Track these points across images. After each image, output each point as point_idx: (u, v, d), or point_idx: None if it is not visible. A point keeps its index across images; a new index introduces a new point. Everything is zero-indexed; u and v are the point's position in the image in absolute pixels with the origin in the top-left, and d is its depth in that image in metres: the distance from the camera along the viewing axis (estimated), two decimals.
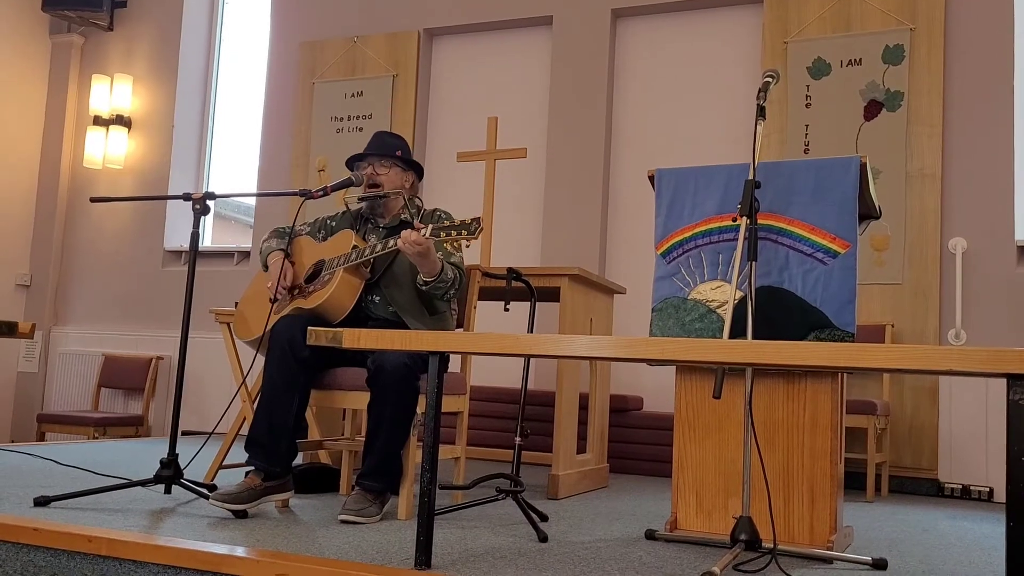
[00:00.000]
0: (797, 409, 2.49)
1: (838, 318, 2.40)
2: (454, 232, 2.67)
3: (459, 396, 3.13)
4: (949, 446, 4.32)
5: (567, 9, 5.47)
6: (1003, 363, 1.49)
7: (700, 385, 2.64)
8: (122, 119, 6.53)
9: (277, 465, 2.77)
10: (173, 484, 2.91)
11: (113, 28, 6.69)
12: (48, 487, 3.05)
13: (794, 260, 2.48)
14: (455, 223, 2.70)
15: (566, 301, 3.59)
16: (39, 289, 6.62)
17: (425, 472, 2.07)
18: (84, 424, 5.54)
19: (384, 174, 3.15)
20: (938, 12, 4.58)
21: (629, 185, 5.34)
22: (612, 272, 5.28)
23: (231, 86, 6.77)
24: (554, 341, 1.91)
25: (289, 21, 6.25)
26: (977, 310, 4.38)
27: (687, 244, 2.62)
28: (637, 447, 4.73)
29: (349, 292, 2.94)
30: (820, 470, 2.46)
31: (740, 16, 5.19)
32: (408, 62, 5.80)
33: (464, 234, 2.66)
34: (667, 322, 2.61)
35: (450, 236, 2.67)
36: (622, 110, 5.42)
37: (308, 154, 5.98)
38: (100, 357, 6.22)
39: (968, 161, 4.49)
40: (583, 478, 3.77)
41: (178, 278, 6.29)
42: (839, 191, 2.47)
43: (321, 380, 2.91)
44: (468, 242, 2.68)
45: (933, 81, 4.56)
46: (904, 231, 4.50)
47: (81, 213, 6.67)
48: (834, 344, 1.61)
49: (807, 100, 4.81)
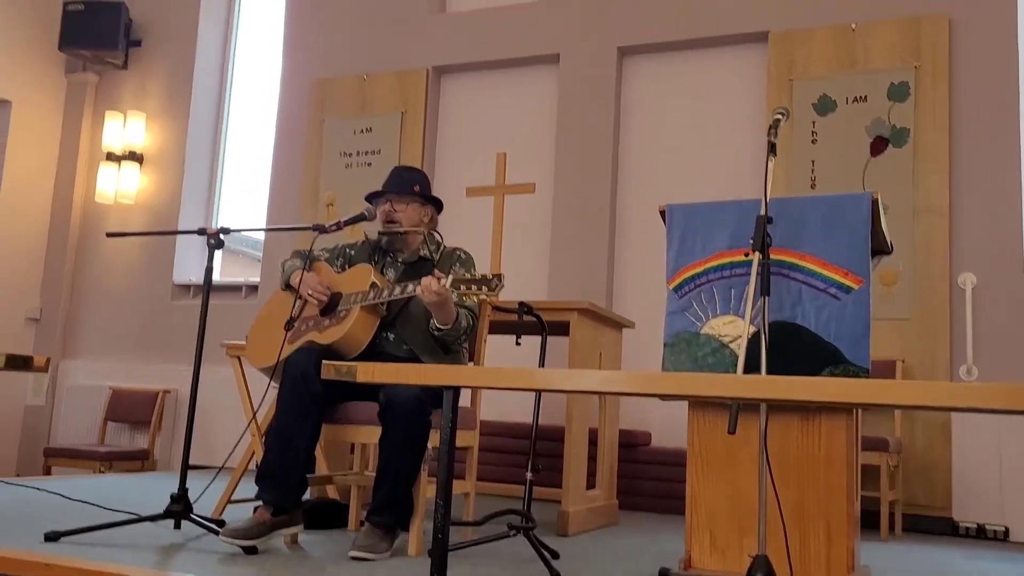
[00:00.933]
0: (812, 445, 2.47)
1: (852, 353, 2.40)
2: (474, 287, 2.65)
3: (470, 431, 3.12)
4: (963, 483, 4.28)
5: (574, 47, 5.54)
6: (1020, 399, 1.49)
7: (713, 420, 2.63)
8: (134, 155, 6.59)
9: (287, 499, 2.76)
10: (183, 519, 2.89)
11: (128, 67, 6.78)
12: (57, 522, 3.03)
13: (807, 295, 2.48)
14: (476, 276, 2.66)
15: (575, 335, 3.59)
16: (49, 323, 6.64)
17: (439, 508, 2.06)
18: (90, 458, 5.52)
19: (402, 211, 3.14)
20: (942, 49, 4.63)
21: (636, 219, 5.36)
22: (619, 306, 5.28)
23: (242, 122, 6.84)
24: (569, 376, 1.91)
25: (301, 59, 6.32)
26: (988, 345, 4.36)
27: (699, 279, 2.63)
28: (646, 483, 4.69)
29: (365, 329, 2.94)
30: (836, 508, 2.44)
31: (745, 54, 5.24)
32: (417, 99, 5.86)
33: (484, 290, 2.63)
34: (680, 357, 2.60)
35: (470, 291, 2.65)
36: (629, 146, 5.45)
37: (317, 189, 6.02)
38: (107, 390, 6.21)
39: (975, 196, 4.51)
40: (593, 514, 3.74)
41: (187, 312, 6.30)
42: (851, 227, 2.48)
43: (332, 414, 2.90)
44: (487, 296, 2.65)
45: (939, 117, 4.59)
46: (913, 266, 4.50)
47: (92, 247, 6.71)
48: (851, 380, 1.60)
49: (813, 136, 4.84)
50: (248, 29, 6.96)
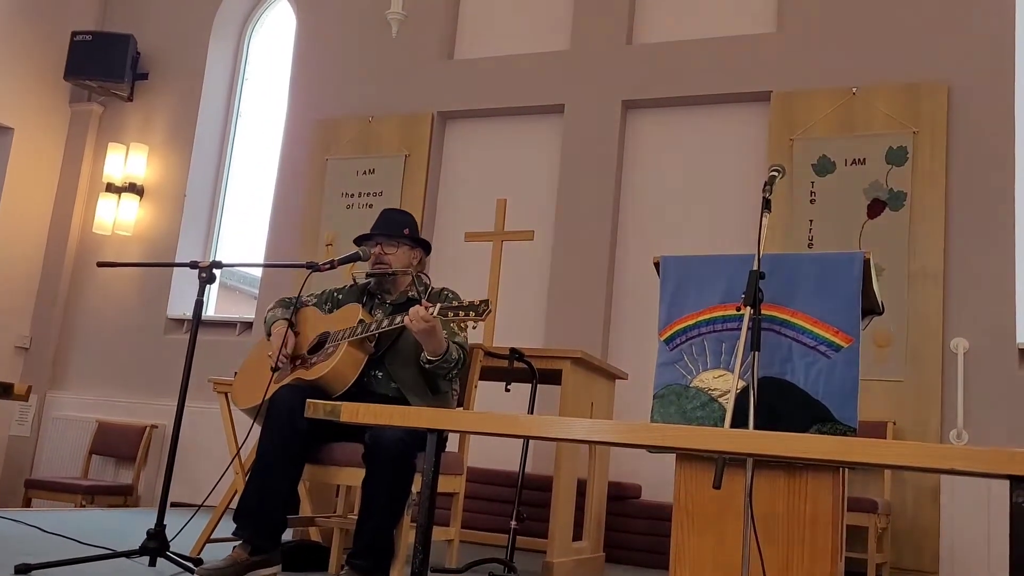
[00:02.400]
0: (798, 503, 2.45)
1: (840, 412, 2.38)
2: (462, 313, 2.66)
3: (456, 476, 3.09)
4: (951, 548, 4.23)
5: (579, 99, 5.60)
6: (1007, 464, 1.48)
7: (700, 474, 2.60)
8: (135, 187, 6.62)
9: (265, 538, 2.72)
10: (159, 556, 2.84)
11: (133, 99, 6.84)
12: (30, 555, 2.98)
13: (797, 352, 2.47)
14: (463, 303, 2.69)
15: (567, 384, 3.57)
16: (38, 352, 6.60)
17: (418, 554, 2.03)
18: (72, 491, 5.44)
19: (392, 253, 3.16)
20: (940, 116, 4.68)
21: (634, 272, 5.37)
22: (614, 357, 5.26)
23: (245, 159, 6.88)
24: (554, 423, 1.89)
25: (306, 99, 6.39)
26: (979, 411, 4.34)
27: (690, 331, 2.62)
28: (634, 536, 4.63)
29: (352, 366, 2.93)
30: (820, 568, 2.41)
31: (747, 113, 5.30)
32: (420, 143, 5.90)
33: (472, 315, 2.65)
34: (668, 409, 2.59)
35: (458, 316, 2.66)
36: (629, 198, 5.49)
37: (318, 228, 6.04)
38: (94, 423, 6.15)
39: (970, 262, 4.53)
40: (578, 567, 3.69)
41: (179, 346, 6.27)
42: (843, 285, 2.48)
43: (316, 454, 2.87)
44: (475, 323, 2.67)
45: (936, 182, 4.63)
46: (907, 329, 4.50)
47: (86, 278, 6.69)
48: (837, 438, 1.59)
49: (812, 196, 4.88)
50: (255, 66, 7.04)
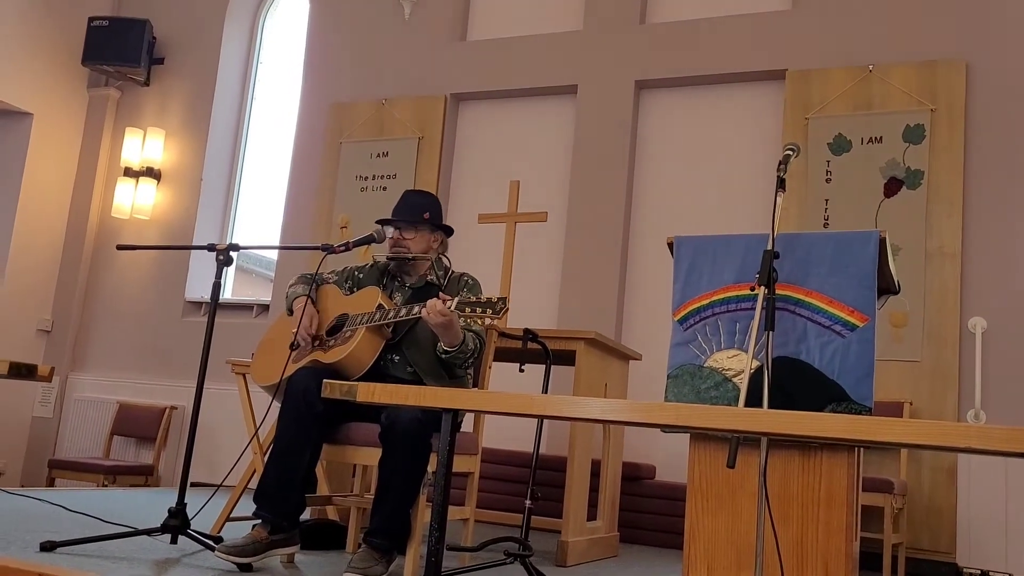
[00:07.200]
0: (812, 483, 2.45)
1: (855, 391, 2.38)
2: (479, 309, 2.66)
3: (471, 456, 3.11)
4: (968, 529, 4.22)
5: (592, 79, 5.58)
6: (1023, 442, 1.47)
7: (714, 454, 2.61)
8: (152, 171, 6.66)
9: (284, 518, 2.75)
10: (180, 534, 2.88)
11: (149, 83, 6.87)
12: (55, 532, 3.04)
13: (812, 332, 2.47)
14: (481, 299, 2.68)
15: (581, 365, 3.58)
16: (60, 335, 6.68)
17: (433, 532, 2.05)
18: (95, 471, 5.52)
19: (411, 239, 3.15)
20: (958, 94, 4.63)
21: (647, 252, 5.36)
22: (628, 338, 5.27)
23: (260, 142, 6.91)
24: (567, 403, 1.91)
25: (321, 82, 6.39)
26: (997, 391, 4.32)
27: (704, 312, 2.62)
28: (648, 516, 4.65)
29: (369, 350, 2.94)
30: (835, 547, 2.41)
31: (762, 91, 5.26)
32: (434, 125, 5.90)
33: (489, 312, 2.64)
34: (682, 389, 2.59)
35: (475, 313, 2.66)
36: (643, 178, 5.47)
37: (332, 211, 6.06)
38: (115, 404, 6.23)
39: (988, 240, 4.49)
40: (593, 546, 3.71)
41: (197, 329, 6.33)
42: (858, 264, 2.47)
43: (334, 434, 2.90)
44: (491, 320, 2.67)
45: (953, 161, 4.58)
46: (923, 308, 4.48)
47: (106, 261, 6.76)
48: (852, 416, 1.59)
49: (827, 175, 4.84)
50: (270, 51, 7.05)
